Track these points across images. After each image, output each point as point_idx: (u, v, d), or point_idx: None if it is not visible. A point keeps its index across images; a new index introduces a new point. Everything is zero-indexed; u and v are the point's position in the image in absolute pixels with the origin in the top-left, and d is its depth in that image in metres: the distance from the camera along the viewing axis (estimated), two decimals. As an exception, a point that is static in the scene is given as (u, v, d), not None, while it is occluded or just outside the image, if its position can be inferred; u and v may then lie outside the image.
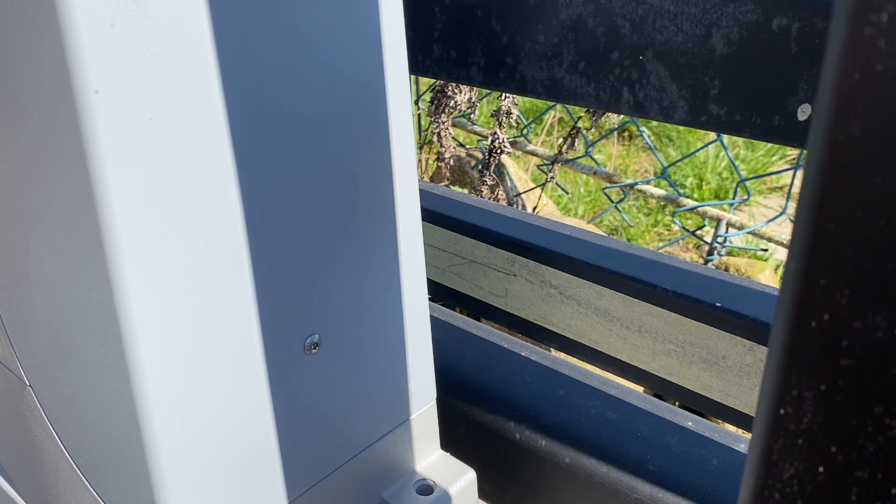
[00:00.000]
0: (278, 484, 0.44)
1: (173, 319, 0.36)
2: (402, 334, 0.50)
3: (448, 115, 1.52)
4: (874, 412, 0.15)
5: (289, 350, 0.42)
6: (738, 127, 0.55)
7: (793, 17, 0.51)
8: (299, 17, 0.37)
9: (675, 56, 0.56)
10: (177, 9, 0.32)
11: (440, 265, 0.85)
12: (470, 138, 2.29)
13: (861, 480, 0.16)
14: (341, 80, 0.40)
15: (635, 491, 0.58)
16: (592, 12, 0.60)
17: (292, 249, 0.40)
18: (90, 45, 0.30)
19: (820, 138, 0.14)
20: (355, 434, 0.49)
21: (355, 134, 0.42)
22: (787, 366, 0.16)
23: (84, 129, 0.31)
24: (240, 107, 0.36)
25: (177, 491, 0.39)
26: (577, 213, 2.47)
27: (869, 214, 0.14)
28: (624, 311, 0.70)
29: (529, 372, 0.69)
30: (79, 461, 0.44)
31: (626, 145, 2.92)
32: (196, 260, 0.36)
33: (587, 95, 0.63)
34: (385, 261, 0.47)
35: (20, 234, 0.39)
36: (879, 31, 0.13)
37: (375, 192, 0.45)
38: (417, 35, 0.72)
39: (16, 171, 0.37)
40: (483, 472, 0.60)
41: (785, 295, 0.16)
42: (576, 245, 0.74)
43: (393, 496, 0.53)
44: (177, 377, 0.37)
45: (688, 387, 0.68)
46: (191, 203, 0.35)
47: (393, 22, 0.42)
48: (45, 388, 0.44)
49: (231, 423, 0.40)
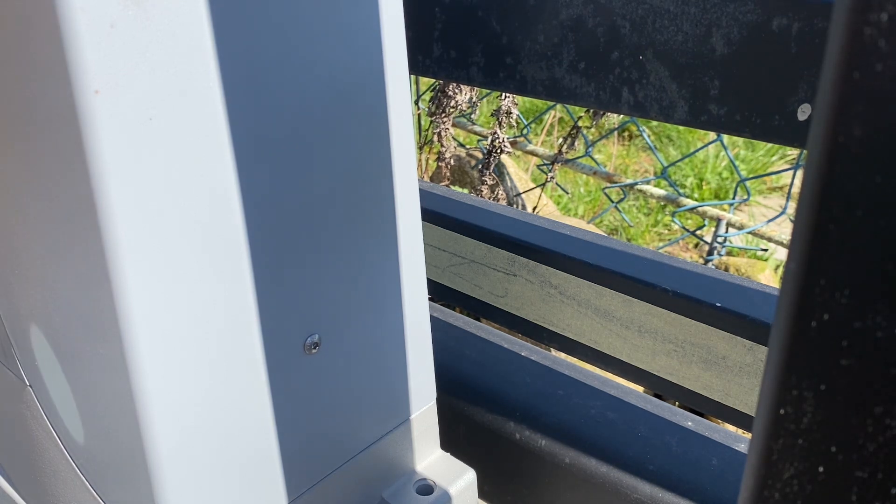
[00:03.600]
0: (278, 484, 0.44)
1: (173, 319, 0.36)
2: (402, 334, 0.50)
3: (448, 115, 1.52)
4: (874, 412, 0.15)
5: (289, 350, 0.42)
6: (738, 127, 0.55)
7: (793, 17, 0.51)
8: (299, 17, 0.37)
9: (675, 56, 0.56)
10: (177, 9, 0.32)
11: (440, 265, 0.85)
12: (470, 138, 2.29)
13: (861, 480, 0.16)
14: (341, 80, 0.40)
15: (635, 491, 0.58)
16: (592, 12, 0.60)
17: (292, 249, 0.40)
18: (90, 45, 0.30)
19: (820, 138, 0.14)
20: (355, 434, 0.49)
21: (355, 134, 0.42)
22: (787, 366, 0.16)
23: (84, 128, 0.31)
24: (240, 107, 0.36)
25: (177, 491, 0.39)
26: (577, 213, 2.47)
27: (869, 214, 0.14)
28: (624, 311, 0.70)
29: (529, 372, 0.69)
30: (79, 461, 0.44)
31: (626, 145, 2.92)
32: (196, 260, 0.36)
33: (587, 95, 0.63)
34: (385, 261, 0.47)
35: (20, 233, 0.39)
36: (879, 31, 0.13)
37: (375, 192, 0.45)
38: (417, 35, 0.72)
39: (16, 171, 0.37)
40: (483, 472, 0.60)
41: (785, 295, 0.16)
42: (576, 245, 0.74)
43: (393, 496, 0.53)
44: (177, 377, 0.37)
45: (688, 387, 0.68)
46: (191, 203, 0.35)
47: (393, 22, 0.42)
48: (45, 388, 0.44)
49: (231, 423, 0.40)
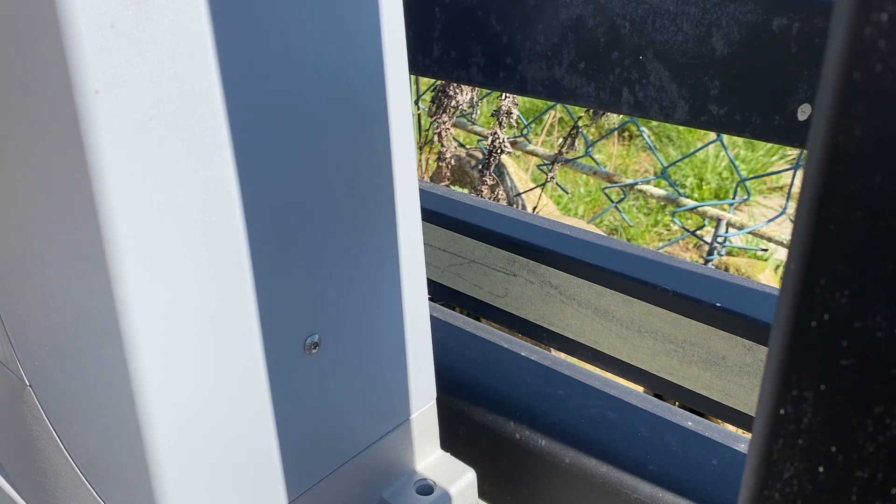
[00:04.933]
0: (278, 484, 0.44)
1: (173, 319, 0.36)
2: (402, 334, 0.50)
3: (448, 115, 1.52)
4: (874, 412, 0.15)
5: (289, 350, 0.42)
6: (738, 127, 0.55)
7: (793, 17, 0.51)
8: (299, 17, 0.37)
9: (675, 56, 0.56)
10: (177, 9, 0.32)
11: (440, 265, 0.85)
12: (470, 138, 2.29)
13: (861, 480, 0.16)
14: (341, 80, 0.40)
15: (635, 491, 0.58)
16: (592, 12, 0.60)
17: (292, 249, 0.40)
18: (90, 45, 0.30)
19: (820, 138, 0.14)
20: (355, 434, 0.49)
21: (355, 134, 0.42)
22: (787, 366, 0.16)
23: (84, 128, 0.31)
24: (240, 106, 0.36)
25: (177, 491, 0.39)
26: (577, 213, 2.47)
27: (869, 214, 0.14)
28: (624, 311, 0.70)
29: (529, 372, 0.69)
30: (79, 461, 0.44)
31: (626, 145, 2.92)
32: (196, 259, 0.36)
33: (587, 95, 0.63)
34: (385, 261, 0.47)
35: (20, 233, 0.39)
36: (879, 31, 0.13)
37: (375, 192, 0.45)
38: (417, 35, 0.72)
39: (16, 171, 0.37)
40: (483, 472, 0.60)
41: (785, 295, 0.16)
42: (576, 245, 0.74)
43: (393, 496, 0.53)
44: (177, 377, 0.37)
45: (688, 387, 0.68)
46: (191, 203, 0.35)
47: (393, 22, 0.42)
48: (45, 388, 0.44)
49: (231, 423, 0.40)
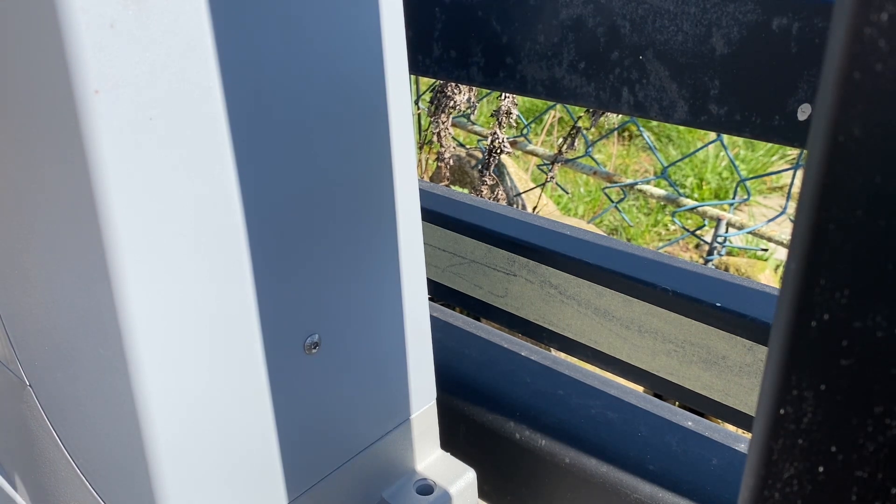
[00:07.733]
0: (278, 484, 0.44)
1: (173, 319, 0.36)
2: (402, 334, 0.50)
3: (448, 115, 1.52)
4: (874, 412, 0.15)
5: (289, 350, 0.42)
6: (738, 127, 0.55)
7: (793, 17, 0.51)
8: (299, 17, 0.37)
9: (675, 56, 0.56)
10: (177, 8, 0.32)
11: (440, 265, 0.85)
12: (470, 138, 2.29)
13: (861, 480, 0.16)
14: (341, 80, 0.40)
15: (635, 491, 0.58)
16: (592, 12, 0.60)
17: (292, 249, 0.40)
18: (90, 45, 0.30)
19: (820, 138, 0.14)
20: (355, 434, 0.49)
21: (355, 134, 0.42)
22: (787, 366, 0.16)
23: (84, 128, 0.31)
24: (240, 106, 0.36)
25: (176, 491, 0.39)
26: (577, 213, 2.47)
27: (869, 214, 0.14)
28: (624, 311, 0.70)
29: (529, 372, 0.69)
30: (79, 461, 0.44)
31: (626, 145, 2.92)
32: (196, 259, 0.36)
33: (587, 95, 0.63)
34: (385, 261, 0.47)
35: (20, 233, 0.39)
36: (879, 31, 0.13)
37: (375, 192, 0.45)
38: (417, 35, 0.72)
39: (16, 171, 0.37)
40: (483, 472, 0.60)
41: (785, 295, 0.16)
42: (576, 245, 0.74)
43: (393, 496, 0.53)
44: (177, 377, 0.37)
45: (688, 387, 0.68)
46: (191, 203, 0.35)
47: (393, 22, 0.42)
48: (45, 388, 0.44)
49: (231, 423, 0.40)
